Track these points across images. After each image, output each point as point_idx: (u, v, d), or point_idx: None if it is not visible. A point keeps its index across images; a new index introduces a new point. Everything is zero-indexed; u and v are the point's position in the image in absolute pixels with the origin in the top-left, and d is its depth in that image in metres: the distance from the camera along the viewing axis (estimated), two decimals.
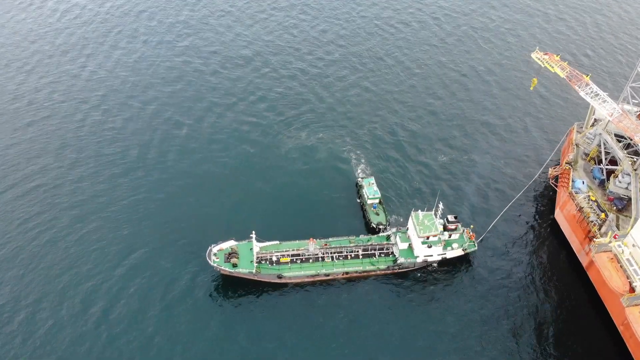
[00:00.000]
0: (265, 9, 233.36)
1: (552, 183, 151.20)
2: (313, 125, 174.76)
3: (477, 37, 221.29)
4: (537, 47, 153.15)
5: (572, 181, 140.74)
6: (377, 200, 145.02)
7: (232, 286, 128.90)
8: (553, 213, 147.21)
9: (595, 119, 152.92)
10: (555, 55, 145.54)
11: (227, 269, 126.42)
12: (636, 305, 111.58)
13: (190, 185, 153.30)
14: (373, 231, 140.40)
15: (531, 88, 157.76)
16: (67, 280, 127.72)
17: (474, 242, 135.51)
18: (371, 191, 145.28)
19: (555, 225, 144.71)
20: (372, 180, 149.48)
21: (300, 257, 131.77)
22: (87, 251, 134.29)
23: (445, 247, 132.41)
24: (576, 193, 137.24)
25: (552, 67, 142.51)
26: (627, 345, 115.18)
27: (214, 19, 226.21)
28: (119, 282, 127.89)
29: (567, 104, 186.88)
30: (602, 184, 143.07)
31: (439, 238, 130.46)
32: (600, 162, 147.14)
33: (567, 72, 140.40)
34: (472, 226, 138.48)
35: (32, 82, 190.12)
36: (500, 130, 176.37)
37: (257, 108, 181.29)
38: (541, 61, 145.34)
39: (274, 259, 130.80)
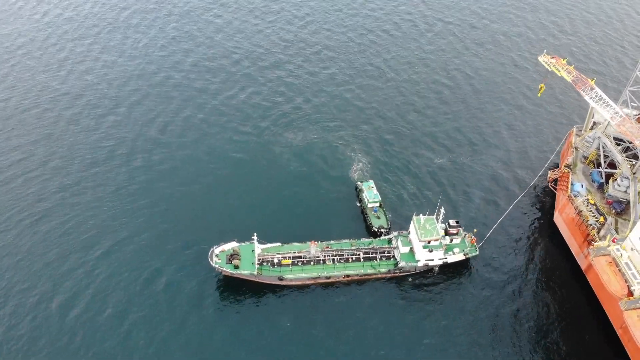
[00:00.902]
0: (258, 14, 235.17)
1: (551, 186, 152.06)
2: (310, 128, 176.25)
3: (476, 41, 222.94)
4: (545, 51, 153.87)
5: (571, 184, 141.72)
6: (377, 204, 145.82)
7: (233, 287, 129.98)
8: (552, 216, 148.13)
9: (594, 122, 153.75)
10: (562, 59, 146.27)
11: (228, 270, 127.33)
12: (634, 309, 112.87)
13: (192, 186, 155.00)
14: (374, 234, 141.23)
15: (539, 94, 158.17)
16: (72, 283, 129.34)
17: (475, 246, 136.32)
18: (371, 195, 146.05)
19: (554, 228, 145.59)
20: (372, 183, 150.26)
21: (302, 260, 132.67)
22: (85, 248, 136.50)
23: (446, 252, 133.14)
24: (575, 196, 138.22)
25: (559, 71, 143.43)
26: (626, 349, 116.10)
27: (204, 24, 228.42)
28: (119, 281, 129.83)
29: (567, 106, 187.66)
30: (601, 187, 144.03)
31: (440, 242, 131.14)
32: (599, 165, 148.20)
33: (573, 76, 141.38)
34: (475, 230, 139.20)
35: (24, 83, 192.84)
36: (500, 133, 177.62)
37: (254, 112, 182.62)
38: (548, 65, 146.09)
39: (276, 260, 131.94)
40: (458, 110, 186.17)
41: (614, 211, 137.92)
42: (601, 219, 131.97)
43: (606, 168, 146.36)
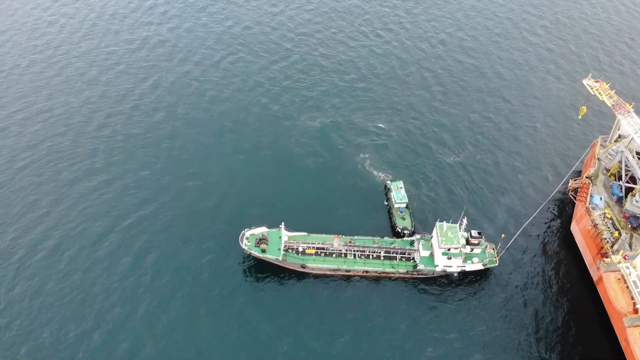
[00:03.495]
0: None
1: (572, 195, 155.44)
2: (342, 123, 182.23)
3: (509, 42, 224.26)
4: (590, 74, 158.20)
5: (590, 196, 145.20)
6: (404, 205, 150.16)
7: (261, 268, 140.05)
8: (570, 225, 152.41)
9: (619, 135, 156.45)
10: (605, 84, 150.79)
11: (256, 253, 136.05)
12: (637, 326, 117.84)
13: (224, 171, 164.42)
14: (398, 235, 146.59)
15: (579, 116, 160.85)
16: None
17: (494, 255, 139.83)
18: (399, 195, 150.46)
19: (571, 237, 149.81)
20: (401, 184, 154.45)
21: (325, 251, 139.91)
22: (120, 235, 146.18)
23: (465, 260, 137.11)
24: (593, 209, 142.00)
25: (601, 95, 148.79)
26: None
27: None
28: (157, 258, 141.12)
29: (597, 113, 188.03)
30: (620, 201, 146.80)
31: (460, 251, 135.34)
32: (620, 178, 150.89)
33: (614, 100, 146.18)
34: (503, 235, 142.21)
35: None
36: (528, 135, 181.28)
37: (285, 99, 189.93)
38: (591, 88, 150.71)
39: (300, 249, 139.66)
40: (489, 113, 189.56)
41: (630, 226, 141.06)
42: (616, 234, 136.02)
43: (627, 182, 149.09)
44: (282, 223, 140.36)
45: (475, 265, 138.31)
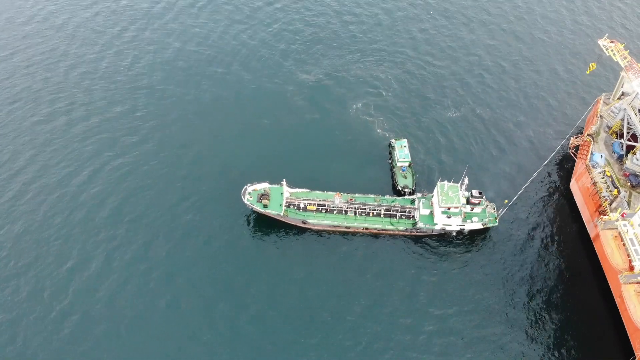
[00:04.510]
0: None
1: (572, 153, 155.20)
2: (341, 75, 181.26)
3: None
4: (606, 34, 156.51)
5: (591, 154, 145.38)
6: (406, 163, 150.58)
7: (263, 222, 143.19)
8: (569, 182, 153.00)
9: (623, 92, 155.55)
10: (619, 44, 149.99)
11: (258, 208, 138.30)
12: (632, 283, 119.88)
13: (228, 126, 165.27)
14: (399, 193, 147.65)
15: (587, 72, 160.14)
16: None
17: (495, 216, 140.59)
18: (402, 154, 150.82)
19: (571, 195, 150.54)
20: (405, 142, 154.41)
21: (326, 208, 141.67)
22: (139, 189, 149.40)
23: (465, 220, 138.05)
24: (593, 166, 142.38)
25: (615, 56, 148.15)
26: (622, 316, 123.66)
27: None
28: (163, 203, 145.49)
29: (602, 71, 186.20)
30: (621, 159, 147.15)
31: (460, 210, 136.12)
32: (622, 136, 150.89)
33: (627, 61, 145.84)
34: (506, 201, 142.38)
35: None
36: (530, 92, 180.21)
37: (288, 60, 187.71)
38: (606, 48, 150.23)
39: (302, 205, 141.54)
40: (490, 63, 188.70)
41: (629, 184, 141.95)
42: (615, 192, 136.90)
43: (628, 140, 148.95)
44: (284, 179, 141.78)
45: (474, 225, 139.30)
